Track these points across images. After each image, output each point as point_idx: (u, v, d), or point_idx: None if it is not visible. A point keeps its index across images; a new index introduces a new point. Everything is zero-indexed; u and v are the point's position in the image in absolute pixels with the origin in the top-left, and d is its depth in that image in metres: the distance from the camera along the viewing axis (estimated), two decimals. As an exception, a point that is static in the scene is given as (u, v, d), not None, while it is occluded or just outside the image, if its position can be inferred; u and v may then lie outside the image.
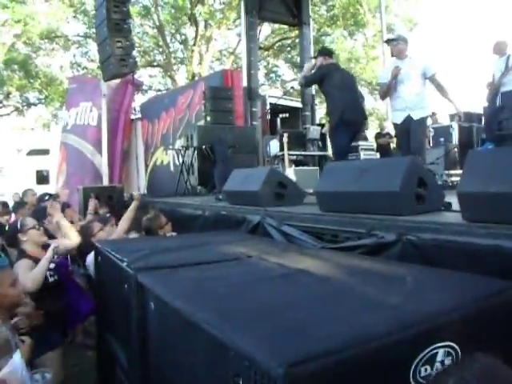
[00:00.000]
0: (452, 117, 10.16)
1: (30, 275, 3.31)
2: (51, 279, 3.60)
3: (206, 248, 2.93)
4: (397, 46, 5.54)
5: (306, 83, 6.17)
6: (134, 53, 9.74)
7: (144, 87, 22.44)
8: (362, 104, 6.86)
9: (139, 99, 18.30)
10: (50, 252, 3.52)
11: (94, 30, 18.77)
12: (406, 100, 5.43)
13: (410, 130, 5.40)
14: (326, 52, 6.17)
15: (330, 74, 5.76)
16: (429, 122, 11.16)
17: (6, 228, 3.98)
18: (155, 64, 23.77)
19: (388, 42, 5.92)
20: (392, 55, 5.71)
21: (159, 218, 4.37)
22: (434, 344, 1.36)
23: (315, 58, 6.17)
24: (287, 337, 1.29)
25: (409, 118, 5.41)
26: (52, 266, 3.60)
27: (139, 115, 13.86)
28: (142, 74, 22.50)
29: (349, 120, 5.59)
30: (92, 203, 6.53)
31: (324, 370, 1.15)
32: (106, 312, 3.20)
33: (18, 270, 3.32)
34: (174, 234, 4.40)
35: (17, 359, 2.19)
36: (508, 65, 7.06)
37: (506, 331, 1.63)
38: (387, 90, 5.61)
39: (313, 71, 5.98)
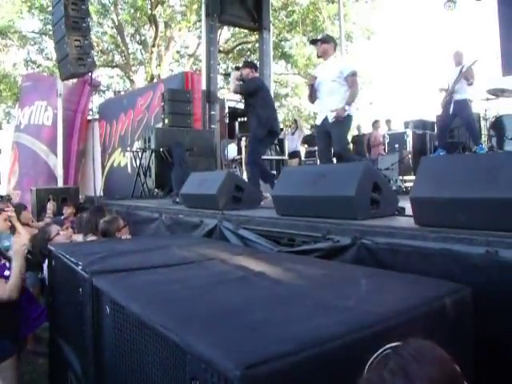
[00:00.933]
0: (406, 124, 10.44)
1: (7, 287, 3.15)
2: None
3: (163, 251, 2.91)
4: (320, 46, 5.41)
5: (242, 91, 6.15)
6: (92, 52, 9.55)
7: (102, 88, 22.09)
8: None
9: (96, 100, 18.00)
10: (21, 258, 3.32)
11: (50, 27, 18.40)
12: (324, 101, 5.35)
13: (329, 133, 5.28)
14: (254, 65, 6.56)
15: (262, 86, 6.18)
16: (384, 129, 11.44)
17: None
18: (114, 64, 23.39)
19: (311, 42, 5.94)
20: (317, 56, 5.68)
21: (117, 220, 4.30)
22: (386, 345, 1.40)
23: (239, 68, 6.37)
24: (244, 339, 1.30)
25: (326, 120, 5.28)
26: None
27: (97, 116, 13.61)
28: (100, 74, 22.11)
29: (276, 132, 6.15)
30: (50, 205, 6.37)
31: (281, 372, 1.16)
32: (60, 317, 3.12)
33: None
34: (129, 236, 4.34)
35: None
36: (461, 71, 7.30)
37: (455, 330, 1.70)
38: (309, 93, 5.59)
39: (238, 82, 6.12)
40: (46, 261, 3.78)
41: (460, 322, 1.74)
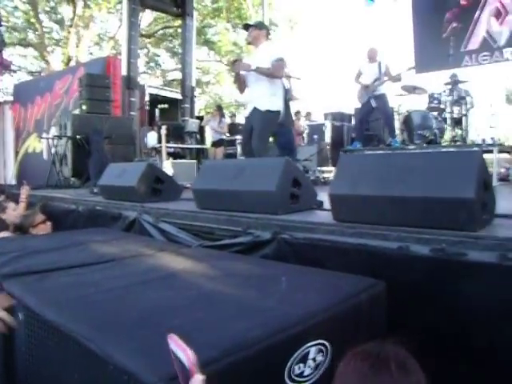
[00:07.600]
0: (326, 116, 10.70)
1: None
2: None
3: (80, 249, 2.80)
4: (252, 32, 5.13)
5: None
6: (2, 29, 8.98)
7: (13, 67, 20.80)
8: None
9: (8, 80, 17.01)
10: None
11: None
12: (251, 90, 5.13)
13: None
14: None
15: None
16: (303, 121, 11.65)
17: None
18: (27, 43, 22.07)
19: (244, 27, 5.42)
20: (247, 42, 5.50)
21: (33, 215, 4.07)
22: (306, 343, 1.44)
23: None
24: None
25: (254, 110, 5.05)
26: None
27: (9, 98, 12.86)
28: (11, 54, 20.82)
29: None
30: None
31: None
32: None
33: None
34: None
35: None
36: (381, 71, 7.66)
37: (372, 323, 1.79)
38: (238, 83, 5.18)
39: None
40: None
41: (375, 315, 1.82)
